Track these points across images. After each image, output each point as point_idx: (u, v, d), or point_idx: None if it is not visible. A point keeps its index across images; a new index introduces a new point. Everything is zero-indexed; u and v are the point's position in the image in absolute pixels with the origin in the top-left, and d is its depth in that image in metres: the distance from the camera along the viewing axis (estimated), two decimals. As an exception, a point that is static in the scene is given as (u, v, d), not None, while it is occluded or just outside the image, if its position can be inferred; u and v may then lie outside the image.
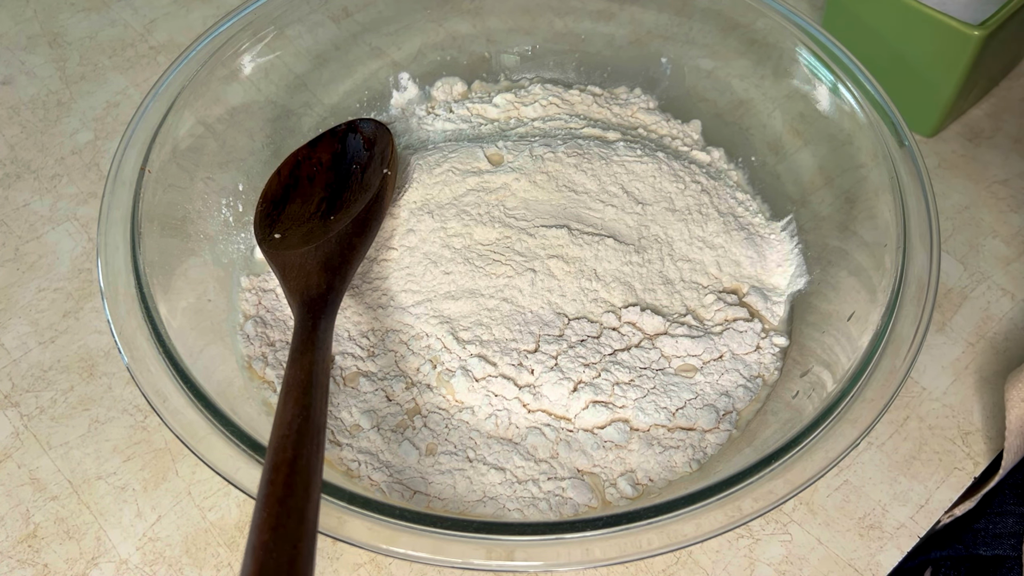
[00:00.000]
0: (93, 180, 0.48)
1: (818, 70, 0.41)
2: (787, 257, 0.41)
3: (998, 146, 0.48)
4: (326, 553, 0.35)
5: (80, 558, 0.36)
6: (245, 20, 0.42)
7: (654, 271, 0.39)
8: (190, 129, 0.40)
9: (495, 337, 0.37)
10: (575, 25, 0.49)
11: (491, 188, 0.40)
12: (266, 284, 0.40)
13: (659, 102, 0.47)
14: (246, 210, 0.42)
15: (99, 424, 0.39)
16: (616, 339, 0.37)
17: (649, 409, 0.35)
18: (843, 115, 0.40)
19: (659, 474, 0.34)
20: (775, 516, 0.36)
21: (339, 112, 0.47)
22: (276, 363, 0.37)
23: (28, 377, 0.41)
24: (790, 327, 0.39)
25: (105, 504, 0.37)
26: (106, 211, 0.36)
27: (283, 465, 0.27)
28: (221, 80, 0.42)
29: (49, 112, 0.51)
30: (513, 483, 0.34)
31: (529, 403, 0.36)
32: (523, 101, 0.47)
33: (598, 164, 0.41)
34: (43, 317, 0.42)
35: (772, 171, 0.44)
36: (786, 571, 0.35)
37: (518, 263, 0.38)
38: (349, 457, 0.35)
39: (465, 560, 0.28)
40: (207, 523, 0.36)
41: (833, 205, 0.41)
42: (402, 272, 0.39)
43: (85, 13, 0.56)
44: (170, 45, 0.54)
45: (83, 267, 0.44)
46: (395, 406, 0.36)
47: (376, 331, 0.38)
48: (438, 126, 0.46)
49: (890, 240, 0.36)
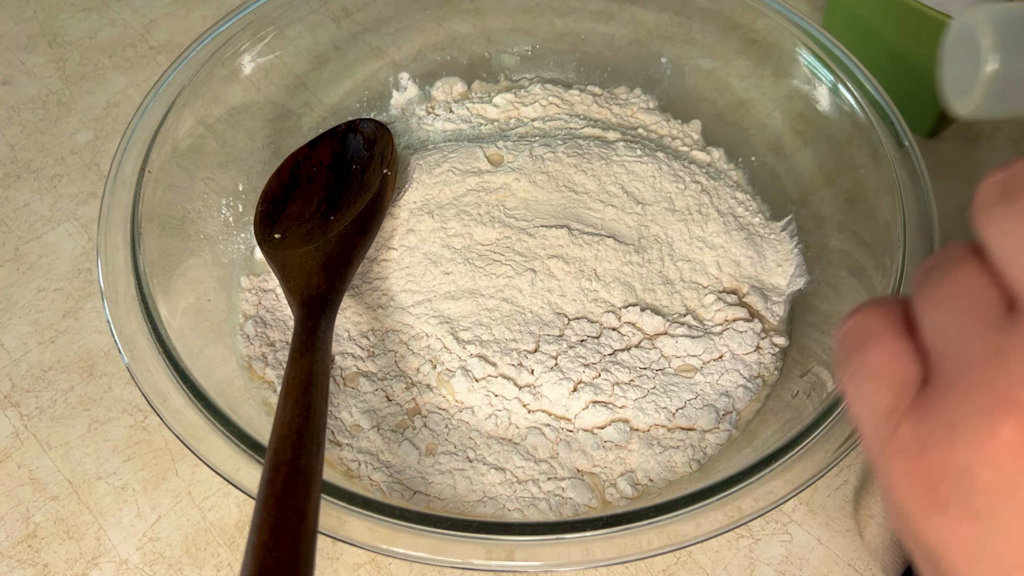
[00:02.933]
0: (93, 180, 0.48)
1: (818, 70, 0.41)
2: (787, 257, 0.41)
3: (998, 146, 0.48)
4: (326, 553, 0.35)
5: (80, 558, 0.36)
6: (245, 20, 0.42)
7: (654, 271, 0.39)
8: (190, 129, 0.40)
9: (495, 337, 0.37)
10: (575, 25, 0.48)
11: (491, 188, 0.40)
12: (266, 284, 0.40)
13: (659, 102, 0.47)
14: (246, 210, 0.42)
15: (99, 424, 0.39)
16: (616, 339, 0.37)
17: (649, 409, 0.35)
18: (843, 115, 0.40)
19: (659, 474, 0.34)
20: (775, 516, 0.36)
21: (339, 112, 0.47)
22: (276, 363, 0.37)
23: (28, 377, 0.41)
24: (790, 327, 0.39)
25: (105, 504, 0.37)
26: (106, 211, 0.36)
27: (283, 465, 0.27)
28: (221, 80, 0.42)
29: (49, 112, 0.51)
30: (513, 483, 0.34)
31: (529, 403, 0.36)
32: (523, 101, 0.47)
33: (598, 164, 0.41)
34: (43, 317, 0.42)
35: (772, 171, 0.44)
36: (786, 571, 0.35)
37: (518, 263, 0.38)
38: (349, 457, 0.35)
39: (465, 560, 0.28)
40: (207, 523, 0.36)
41: (833, 205, 0.41)
42: (402, 272, 0.39)
43: (85, 13, 0.56)
44: (170, 45, 0.54)
45: (83, 267, 0.44)
46: (395, 406, 0.36)
47: (376, 331, 0.38)
48: (438, 126, 0.46)
49: (890, 240, 0.36)
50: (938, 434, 0.17)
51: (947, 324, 0.19)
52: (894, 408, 0.19)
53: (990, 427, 0.16)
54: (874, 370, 0.20)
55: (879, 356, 0.20)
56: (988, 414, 0.17)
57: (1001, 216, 0.18)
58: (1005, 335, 0.17)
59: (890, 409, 0.19)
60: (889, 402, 0.19)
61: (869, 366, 0.20)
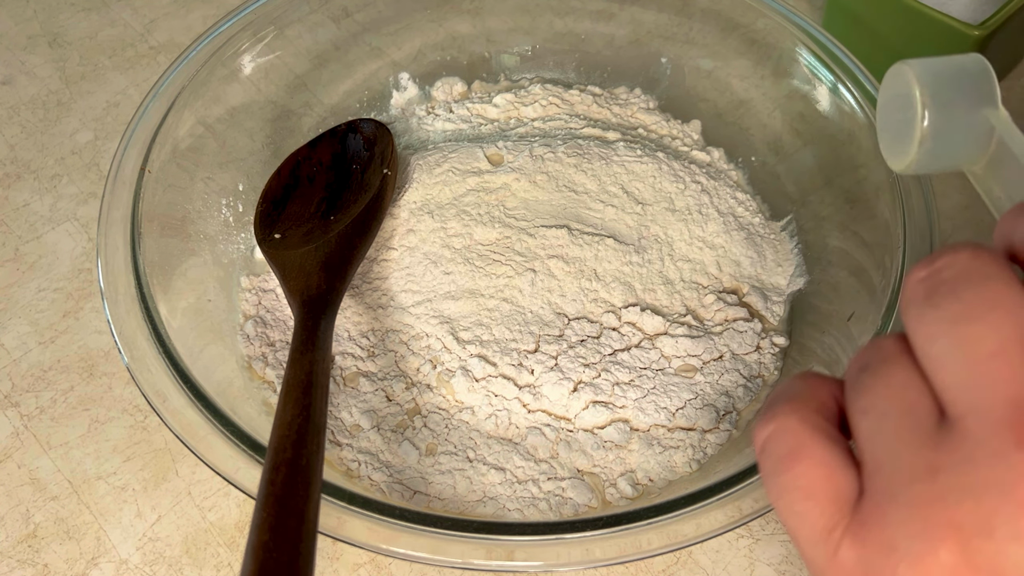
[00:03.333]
0: (93, 180, 0.48)
1: (818, 70, 0.41)
2: (787, 257, 0.41)
3: (998, 146, 0.48)
4: (326, 553, 0.35)
5: (80, 558, 0.36)
6: (245, 20, 0.42)
7: (654, 271, 0.39)
8: (190, 129, 0.40)
9: (495, 337, 0.37)
10: (575, 25, 0.48)
11: (491, 188, 0.40)
12: (266, 284, 0.40)
13: (659, 102, 0.47)
14: (246, 210, 0.42)
15: (99, 424, 0.39)
16: (616, 339, 0.37)
17: (649, 409, 0.35)
18: (843, 115, 0.40)
19: (659, 474, 0.34)
20: (775, 516, 0.36)
21: (339, 112, 0.47)
22: (276, 363, 0.37)
23: (28, 377, 0.41)
24: (790, 327, 0.39)
25: (105, 504, 0.37)
26: (106, 211, 0.36)
27: (283, 465, 0.27)
28: (221, 80, 0.42)
29: (49, 112, 0.51)
30: (513, 483, 0.34)
31: (529, 403, 0.36)
32: (523, 101, 0.47)
33: (598, 164, 0.41)
34: (43, 317, 0.42)
35: (772, 171, 0.44)
36: (786, 571, 0.35)
37: (518, 263, 0.38)
38: (349, 457, 0.35)
39: (465, 560, 0.28)
40: (207, 523, 0.36)
41: (833, 205, 0.41)
42: (402, 272, 0.39)
43: (85, 13, 0.56)
44: (170, 45, 0.54)
45: (83, 267, 0.44)
46: (395, 406, 0.36)
47: (376, 331, 0.38)
48: (438, 126, 0.46)
49: (890, 240, 0.36)
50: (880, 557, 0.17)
51: (881, 433, 0.18)
52: (833, 527, 0.18)
53: (929, 550, 0.16)
54: (806, 489, 0.19)
55: (809, 472, 0.19)
56: (926, 536, 0.16)
57: (929, 319, 0.18)
58: (937, 451, 0.17)
59: (828, 528, 0.18)
60: (826, 522, 0.18)
61: (799, 485, 0.19)
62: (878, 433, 0.18)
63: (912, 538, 0.17)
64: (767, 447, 0.20)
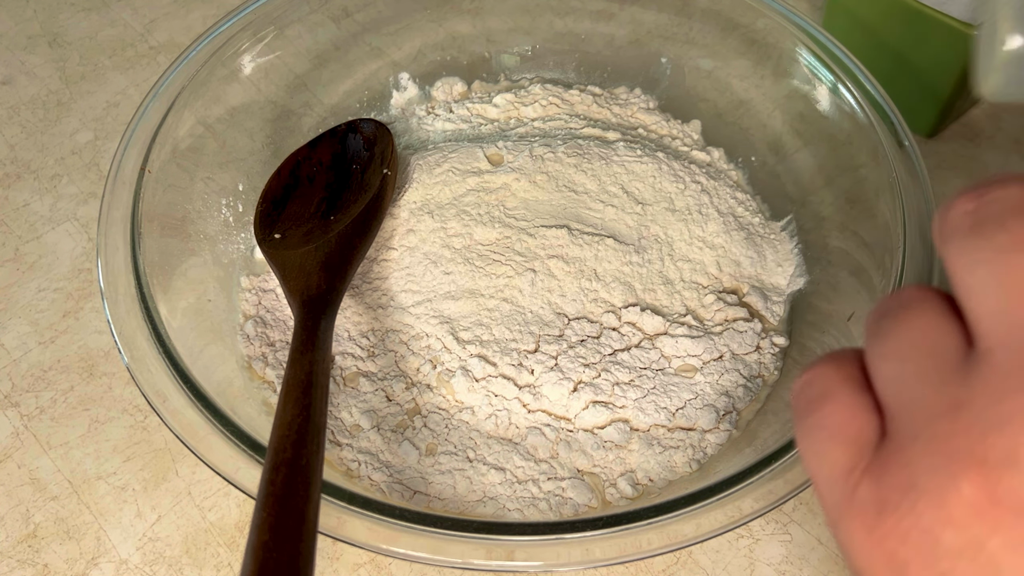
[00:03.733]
0: (93, 180, 0.48)
1: (818, 70, 0.41)
2: (787, 257, 0.41)
3: (998, 146, 0.48)
4: (326, 553, 0.35)
5: (80, 558, 0.36)
6: (245, 20, 0.42)
7: (654, 271, 0.39)
8: (190, 129, 0.40)
9: (495, 337, 0.37)
10: (575, 25, 0.49)
11: (491, 188, 0.40)
12: (266, 284, 0.40)
13: (659, 102, 0.47)
14: (246, 210, 0.42)
15: (99, 424, 0.39)
16: (616, 339, 0.37)
17: (649, 409, 0.35)
18: (843, 115, 0.40)
19: (659, 474, 0.34)
20: (775, 516, 0.36)
21: (339, 112, 0.47)
22: (276, 363, 0.37)
23: (28, 377, 0.41)
24: (790, 327, 0.39)
25: (105, 504, 0.37)
26: (106, 211, 0.36)
27: (283, 465, 0.27)
28: (221, 80, 0.42)
29: (49, 112, 0.51)
30: (513, 483, 0.34)
31: (529, 403, 0.36)
32: (523, 101, 0.47)
33: (598, 164, 0.41)
34: (43, 317, 0.42)
35: (772, 171, 0.44)
36: (786, 571, 0.35)
37: (518, 263, 0.38)
38: (349, 457, 0.35)
39: (465, 560, 0.28)
40: (207, 523, 0.36)
41: (833, 205, 0.41)
42: (402, 272, 0.39)
43: (85, 13, 0.56)
44: (170, 45, 0.54)
45: (83, 267, 0.44)
46: (395, 406, 0.36)
47: (376, 331, 0.38)
48: (438, 126, 0.46)
49: (890, 240, 0.36)
50: (898, 495, 0.17)
51: (903, 376, 0.18)
52: (852, 468, 0.18)
53: (951, 485, 0.16)
54: (829, 428, 0.19)
55: (834, 413, 0.19)
56: (948, 471, 0.16)
57: (971, 248, 0.17)
58: (962, 387, 0.17)
59: (847, 469, 0.18)
60: (846, 462, 0.18)
61: (824, 424, 0.19)
62: (899, 376, 0.18)
63: (932, 473, 0.16)
64: (801, 391, 0.20)
